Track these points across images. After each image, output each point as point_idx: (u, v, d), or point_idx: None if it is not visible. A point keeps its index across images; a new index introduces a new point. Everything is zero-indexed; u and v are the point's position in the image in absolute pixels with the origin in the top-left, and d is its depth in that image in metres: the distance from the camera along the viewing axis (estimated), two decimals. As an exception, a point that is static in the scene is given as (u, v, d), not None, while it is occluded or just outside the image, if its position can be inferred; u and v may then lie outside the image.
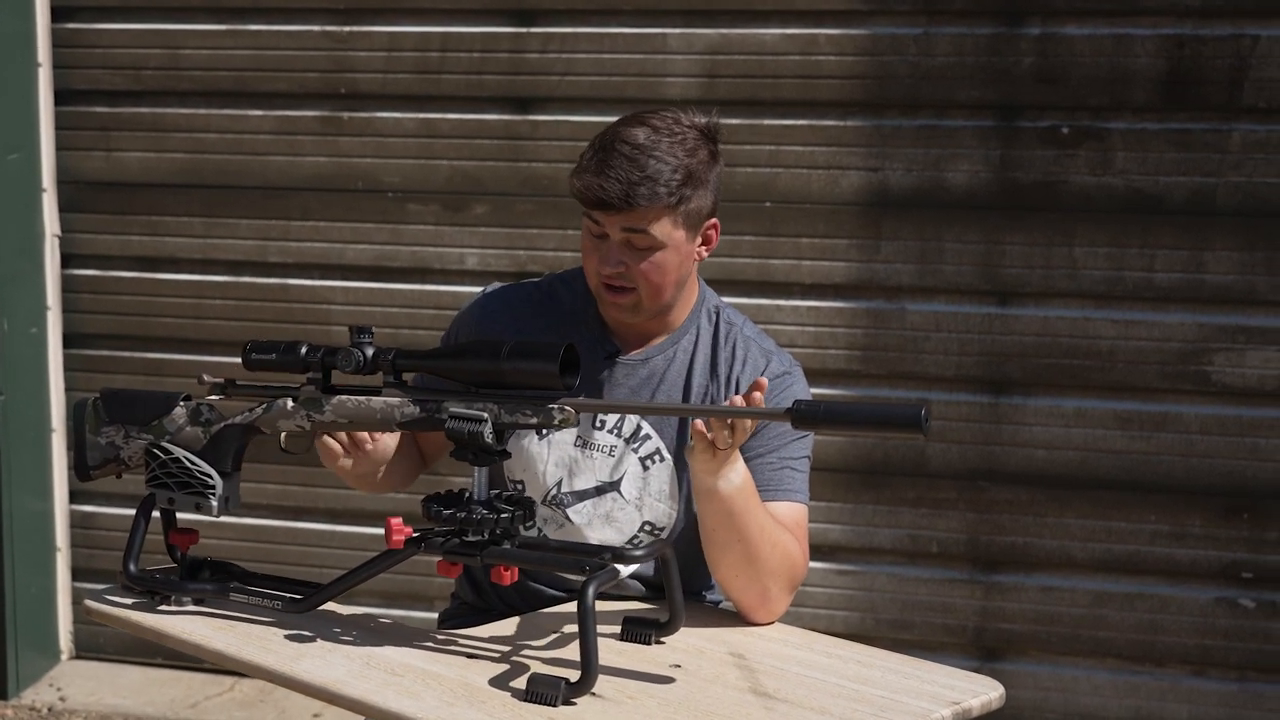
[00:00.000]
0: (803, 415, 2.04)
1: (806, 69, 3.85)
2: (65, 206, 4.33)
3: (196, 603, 2.38)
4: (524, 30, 3.99)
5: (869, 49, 3.81)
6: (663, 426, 2.51)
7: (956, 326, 3.84)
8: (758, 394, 2.18)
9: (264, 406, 2.30)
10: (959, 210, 3.81)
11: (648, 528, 2.53)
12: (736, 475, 2.30)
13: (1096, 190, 3.74)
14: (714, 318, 2.57)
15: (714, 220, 2.50)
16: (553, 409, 2.14)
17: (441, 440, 2.25)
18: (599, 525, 2.51)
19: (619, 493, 2.51)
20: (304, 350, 2.27)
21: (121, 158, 4.28)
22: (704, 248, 2.50)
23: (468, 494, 2.20)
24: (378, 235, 4.14)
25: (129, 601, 2.40)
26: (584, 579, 2.07)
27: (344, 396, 2.26)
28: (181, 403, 2.36)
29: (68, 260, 4.36)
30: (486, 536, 2.18)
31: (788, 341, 3.91)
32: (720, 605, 2.67)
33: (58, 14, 4.26)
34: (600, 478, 2.51)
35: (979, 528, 3.90)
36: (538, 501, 2.51)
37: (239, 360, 2.27)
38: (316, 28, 4.11)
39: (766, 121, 3.88)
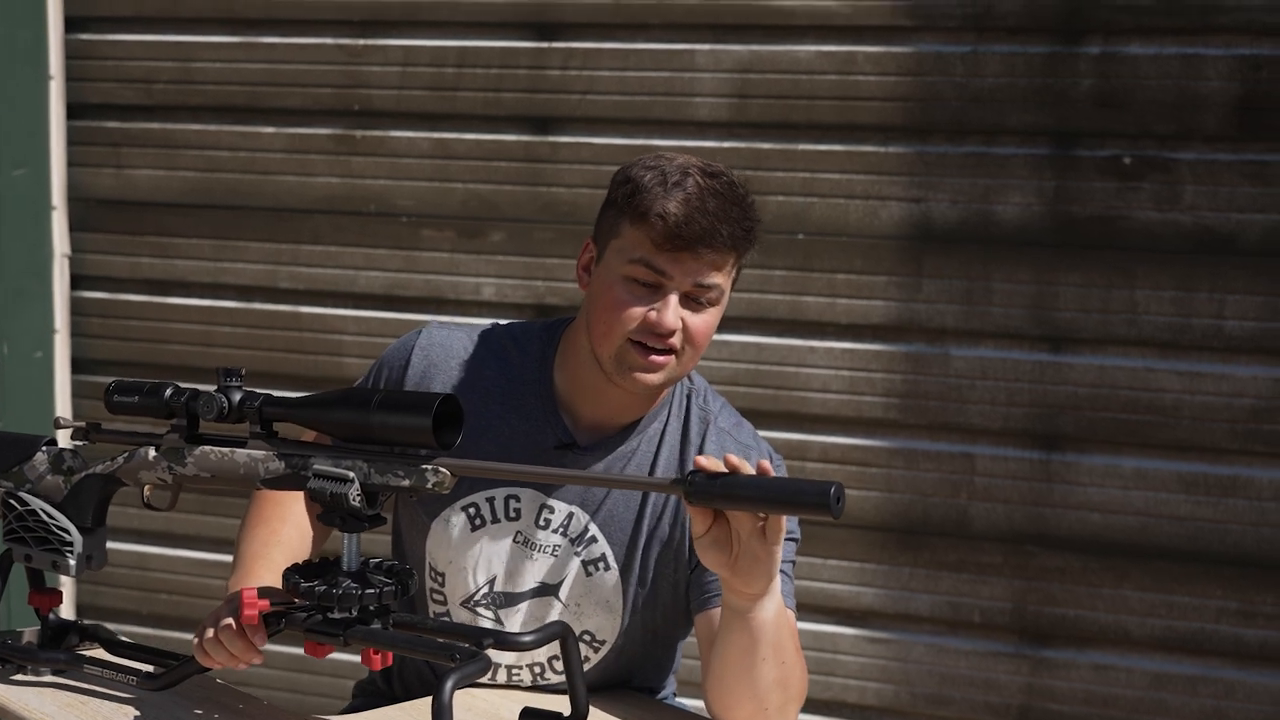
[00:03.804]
0: (696, 489, 1.74)
1: (844, 89, 3.56)
2: (76, 225, 4.16)
3: (57, 673, 2.14)
4: (544, 45, 3.74)
5: (912, 68, 3.52)
6: (612, 530, 2.19)
7: (1005, 374, 3.52)
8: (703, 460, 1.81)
9: (126, 455, 2.06)
10: (1009, 246, 3.50)
11: (587, 638, 2.23)
12: (772, 604, 1.97)
13: (1161, 227, 3.41)
14: (686, 402, 2.25)
15: None
16: (426, 470, 1.85)
17: None
18: (532, 628, 2.21)
19: (557, 597, 2.21)
20: (168, 393, 2.02)
21: (132, 175, 4.10)
22: None
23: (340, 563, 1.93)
24: (390, 262, 3.92)
25: (-16, 669, 2.16)
26: (448, 669, 1.78)
27: (208, 448, 2.00)
28: (44, 448, 2.12)
29: (77, 282, 4.18)
30: (355, 614, 1.90)
31: (820, 386, 3.62)
32: (671, 701, 2.37)
33: (71, 25, 4.10)
34: (539, 579, 2.22)
35: (1026, 596, 3.56)
36: (458, 604, 2.23)
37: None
38: (330, 40, 3.90)
39: (800, 146, 3.59)
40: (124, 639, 2.19)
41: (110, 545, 3.87)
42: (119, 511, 2.23)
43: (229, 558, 3.99)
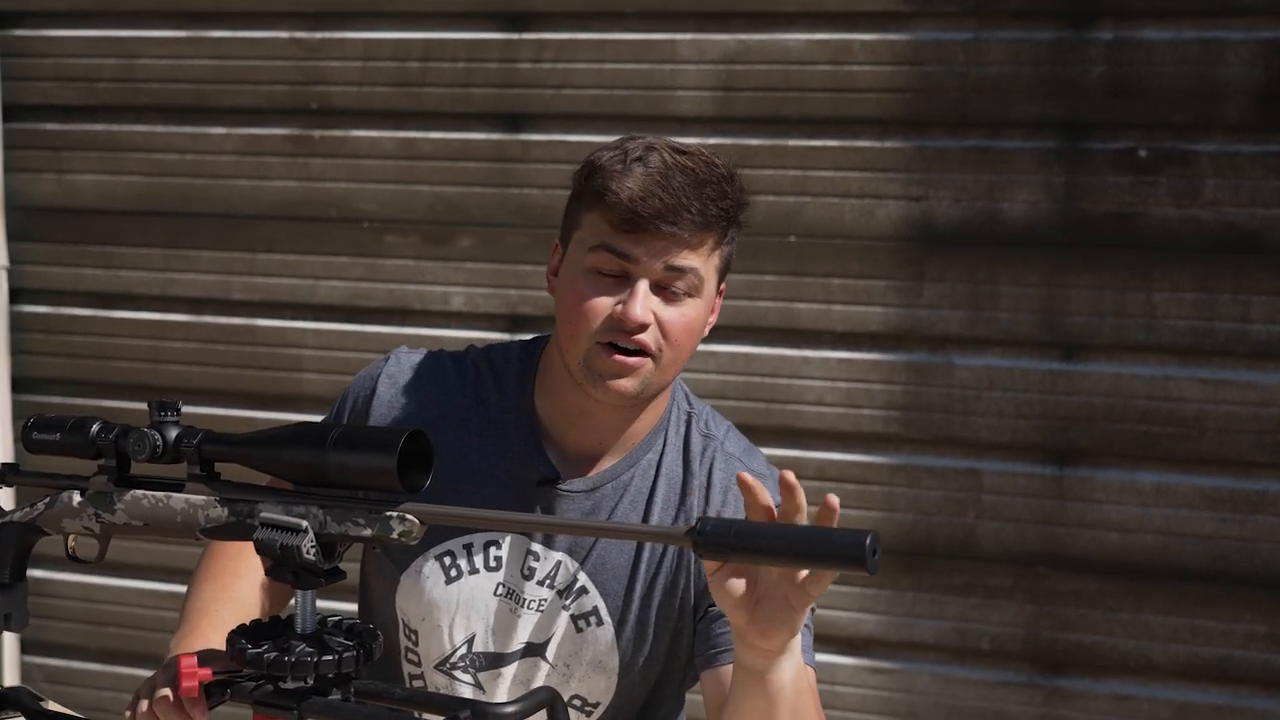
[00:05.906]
0: (707, 540, 1.50)
1: (838, 81, 3.39)
2: (14, 235, 3.95)
3: (-30, 747, 1.89)
4: (515, 36, 3.55)
5: (910, 57, 3.34)
6: (604, 580, 1.97)
7: (1013, 384, 3.36)
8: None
9: (47, 500, 1.81)
10: (1016, 247, 3.33)
11: (577, 702, 2.00)
12: (791, 663, 1.74)
13: (1180, 224, 3.25)
14: (684, 427, 2.02)
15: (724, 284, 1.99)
16: (391, 517, 1.60)
17: None
18: (517, 694, 1.98)
19: (544, 658, 1.98)
20: (94, 429, 1.76)
21: (74, 180, 3.90)
22: (711, 316, 1.98)
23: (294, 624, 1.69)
24: (352, 271, 3.72)
25: (-110, 743, 1.91)
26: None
27: (139, 492, 1.75)
28: (-45, 492, 1.87)
29: (16, 295, 3.97)
30: (310, 683, 1.66)
31: (815, 399, 3.45)
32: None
33: (4, 20, 3.89)
34: (525, 638, 1.98)
35: (1039, 622, 3.39)
36: (433, 667, 2.00)
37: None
38: (284, 34, 3.70)
39: (791, 142, 3.42)
40: (51, 707, 1.94)
41: (55, 576, 3.59)
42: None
43: (182, 587, 3.79)
